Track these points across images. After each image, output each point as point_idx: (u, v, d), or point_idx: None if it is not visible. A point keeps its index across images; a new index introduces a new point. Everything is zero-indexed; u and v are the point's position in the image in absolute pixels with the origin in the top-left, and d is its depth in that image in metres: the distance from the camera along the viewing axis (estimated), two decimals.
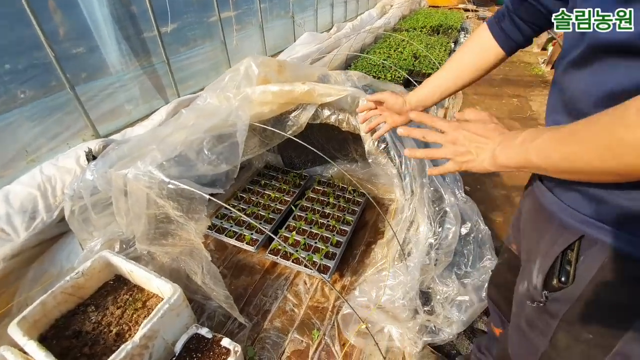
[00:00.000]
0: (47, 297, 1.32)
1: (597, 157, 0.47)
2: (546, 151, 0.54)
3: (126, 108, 2.45)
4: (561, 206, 0.63)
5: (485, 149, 0.65)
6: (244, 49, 3.38)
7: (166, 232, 1.21)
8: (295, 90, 1.38)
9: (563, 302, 0.64)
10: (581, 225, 0.60)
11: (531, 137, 0.57)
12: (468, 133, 0.68)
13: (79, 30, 2.09)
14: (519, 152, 0.58)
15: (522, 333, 0.75)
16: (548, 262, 0.65)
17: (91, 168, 1.18)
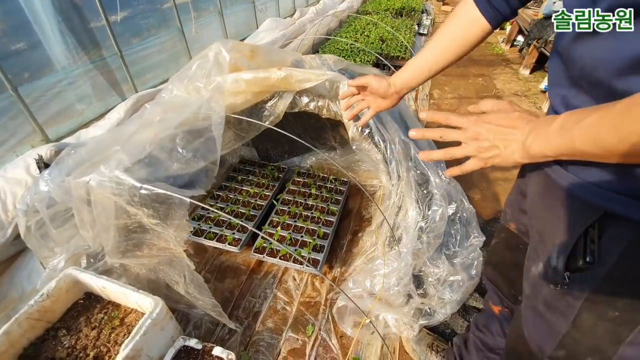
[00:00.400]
0: (11, 325, 1.17)
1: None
2: (597, 134, 0.47)
3: (77, 108, 2.22)
4: (580, 184, 0.60)
5: (514, 140, 0.60)
6: (203, 38, 3.17)
7: (140, 243, 1.09)
8: (271, 77, 1.28)
9: (588, 282, 0.62)
10: (604, 201, 0.56)
11: (572, 121, 0.51)
12: (491, 126, 0.62)
13: (16, 24, 1.84)
14: (558, 138, 0.53)
15: (540, 315, 0.73)
16: (569, 241, 0.62)
17: (45, 177, 1.03)
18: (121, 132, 1.10)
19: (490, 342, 1.18)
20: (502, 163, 0.63)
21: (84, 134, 2.01)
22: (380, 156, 1.48)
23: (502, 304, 1.11)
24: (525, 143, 0.58)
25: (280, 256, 1.63)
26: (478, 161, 0.65)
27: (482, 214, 2.18)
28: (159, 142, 0.96)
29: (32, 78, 1.97)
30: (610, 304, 0.61)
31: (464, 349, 1.32)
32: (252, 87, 1.31)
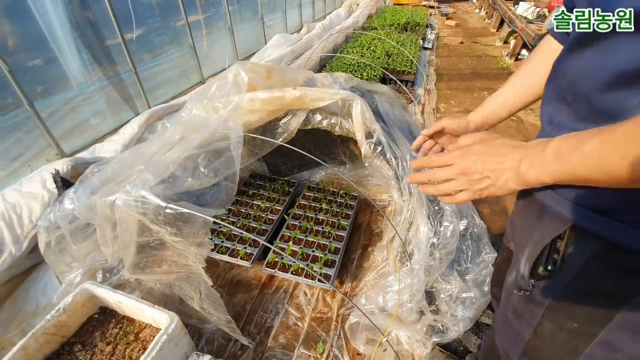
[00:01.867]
0: (28, 340, 1.18)
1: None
2: (602, 160, 0.47)
3: (92, 122, 2.27)
4: (552, 196, 0.61)
5: (505, 169, 0.58)
6: (214, 54, 3.25)
7: (160, 259, 1.10)
8: (285, 97, 1.32)
9: (550, 290, 0.64)
10: (572, 214, 0.58)
11: (570, 146, 0.51)
12: (477, 157, 0.60)
13: (34, 40, 1.91)
14: (556, 165, 0.52)
15: (509, 323, 0.76)
16: (536, 250, 0.64)
17: (70, 195, 1.06)
18: (143, 151, 1.13)
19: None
20: (496, 193, 0.61)
21: (99, 148, 2.05)
22: (391, 172, 1.50)
23: None
24: (519, 170, 0.56)
25: (292, 271, 1.64)
26: (471, 194, 0.63)
27: (491, 229, 2.18)
28: (181, 162, 0.99)
29: (48, 93, 2.02)
30: (570, 314, 0.63)
31: None
32: (268, 106, 1.34)
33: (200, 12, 2.97)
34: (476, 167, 0.60)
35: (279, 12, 4.32)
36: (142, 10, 2.48)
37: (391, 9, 7.27)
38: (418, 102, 3.55)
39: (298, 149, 1.40)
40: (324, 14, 5.83)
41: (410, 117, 1.96)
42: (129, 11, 2.34)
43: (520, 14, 5.50)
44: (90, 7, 2.14)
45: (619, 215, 0.54)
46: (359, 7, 6.31)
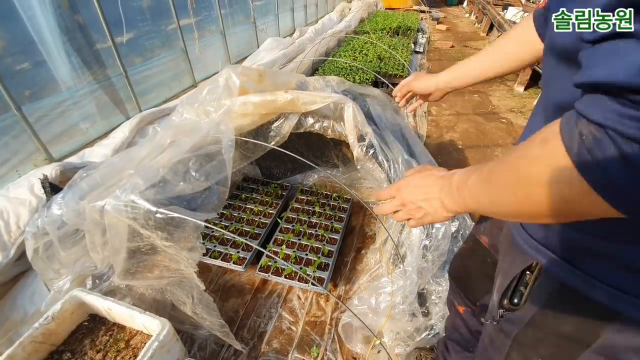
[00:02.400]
0: (16, 349, 1.15)
1: (513, 199, 0.44)
2: (477, 196, 0.51)
3: (82, 127, 2.24)
4: (519, 230, 0.62)
5: (433, 198, 0.62)
6: (206, 57, 3.24)
7: (151, 265, 1.09)
8: (278, 100, 1.32)
9: (516, 323, 0.64)
10: (532, 250, 0.59)
11: (462, 180, 0.54)
12: (410, 189, 0.66)
13: (22, 43, 1.88)
14: (458, 197, 0.56)
15: (484, 347, 0.77)
16: (505, 281, 0.65)
17: (58, 201, 1.04)
18: (133, 155, 1.12)
19: (463, 343, 1.19)
20: (434, 221, 0.65)
21: (88, 153, 2.03)
22: (384, 175, 1.51)
23: (464, 304, 1.12)
24: (442, 201, 0.60)
25: (286, 275, 1.63)
26: (415, 222, 0.68)
27: None
28: (172, 166, 0.98)
29: (36, 97, 1.99)
30: (534, 349, 0.63)
31: (446, 352, 1.32)
32: (260, 110, 1.34)
33: (192, 15, 2.96)
34: (410, 197, 0.66)
35: (271, 15, 4.33)
36: (133, 14, 2.46)
37: (383, 13, 7.34)
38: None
39: (291, 153, 1.40)
40: (316, 18, 5.86)
41: (402, 120, 1.98)
42: (119, 15, 2.32)
43: (509, 18, 5.60)
44: (80, 11, 2.12)
45: (573, 256, 0.54)
46: (351, 11, 6.35)
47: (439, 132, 3.43)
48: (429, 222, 0.66)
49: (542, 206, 0.41)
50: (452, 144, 3.23)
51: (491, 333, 0.73)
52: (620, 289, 0.49)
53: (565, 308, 0.57)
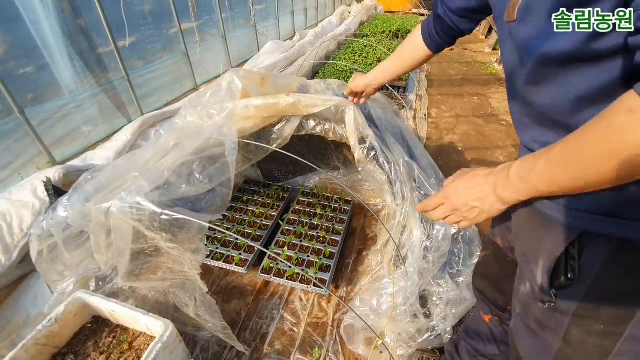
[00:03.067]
0: (19, 351, 1.16)
1: (607, 169, 0.48)
2: (552, 178, 0.55)
3: (84, 130, 2.26)
4: (556, 208, 0.65)
5: (486, 195, 0.67)
6: (208, 61, 3.26)
7: (155, 267, 1.10)
8: (280, 103, 1.33)
9: (573, 298, 0.66)
10: (580, 222, 0.61)
11: (527, 169, 0.59)
12: (460, 193, 0.71)
13: (25, 47, 1.90)
14: (522, 186, 0.61)
15: (533, 334, 0.76)
16: (552, 261, 0.66)
17: (64, 203, 1.05)
18: (137, 158, 1.13)
19: (481, 349, 1.21)
20: (488, 216, 0.70)
21: (91, 156, 2.04)
22: (385, 177, 1.52)
23: (491, 313, 1.14)
24: (497, 194, 0.65)
25: (287, 276, 1.64)
26: (468, 222, 0.73)
27: (482, 230, 2.21)
28: (176, 168, 0.99)
29: (39, 101, 2.00)
30: (595, 317, 0.64)
31: (456, 354, 1.33)
32: (262, 113, 1.35)
33: (194, 19, 2.98)
34: (462, 201, 0.70)
35: (271, 19, 4.36)
36: (136, 18, 2.48)
37: (382, 16, 7.39)
38: (410, 107, 3.60)
39: (292, 155, 1.42)
40: (317, 21, 5.90)
41: (402, 123, 1.99)
42: (122, 19, 2.34)
43: None
44: (83, 15, 2.14)
45: (622, 213, 0.57)
46: (351, 15, 6.39)
47: (439, 134, 3.44)
48: (485, 218, 0.70)
49: None
50: (452, 146, 3.25)
51: (540, 317, 0.73)
52: None
53: (625, 265, 0.59)
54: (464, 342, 1.29)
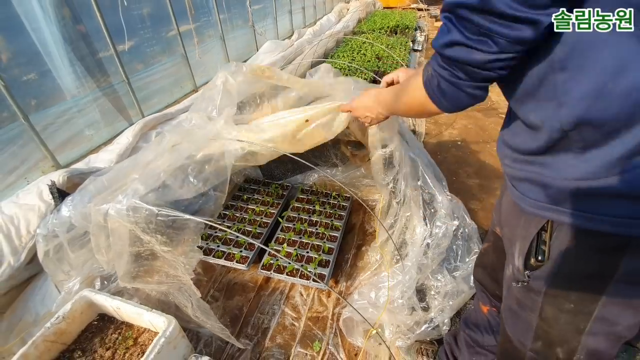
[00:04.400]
0: (28, 348, 1.20)
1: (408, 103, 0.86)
2: (392, 105, 0.98)
3: (87, 133, 2.31)
4: (522, 198, 0.71)
5: (373, 110, 1.10)
6: (206, 62, 3.30)
7: (152, 270, 1.13)
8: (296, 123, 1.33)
9: (543, 278, 0.71)
10: (541, 211, 0.67)
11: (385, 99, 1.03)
12: (361, 107, 1.15)
13: (27, 54, 1.94)
14: (384, 107, 1.04)
15: (514, 313, 0.82)
16: (526, 244, 0.72)
17: (68, 203, 1.09)
18: (139, 159, 1.17)
19: (480, 339, 1.24)
20: (377, 121, 1.15)
21: (94, 159, 2.08)
22: (391, 177, 1.54)
23: (490, 304, 1.19)
24: (377, 109, 1.08)
25: (287, 272, 1.67)
26: (369, 120, 1.16)
27: (482, 224, 2.23)
28: (172, 171, 1.02)
29: (43, 106, 2.05)
30: (565, 297, 0.70)
31: (454, 346, 1.37)
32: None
33: (191, 21, 3.02)
34: (360, 112, 1.16)
35: (269, 19, 4.39)
36: (134, 22, 2.52)
37: (381, 12, 7.37)
38: None
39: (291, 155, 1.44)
40: (315, 19, 5.90)
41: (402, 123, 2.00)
42: (120, 23, 2.38)
43: None
44: (82, 21, 2.19)
45: (578, 205, 0.62)
46: (349, 11, 6.39)
47: (437, 129, 3.45)
48: (375, 122, 1.16)
49: (414, 108, 0.84)
50: (452, 141, 3.26)
51: (519, 297, 0.79)
52: (622, 216, 0.58)
53: (584, 249, 0.64)
54: (463, 333, 1.32)
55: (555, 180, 0.63)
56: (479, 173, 2.79)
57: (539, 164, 0.66)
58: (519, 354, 0.85)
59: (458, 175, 2.76)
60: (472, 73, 0.63)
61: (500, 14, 0.53)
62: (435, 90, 0.71)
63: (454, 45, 0.62)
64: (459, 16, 0.59)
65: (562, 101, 0.58)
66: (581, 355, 0.73)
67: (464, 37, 0.59)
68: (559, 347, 0.75)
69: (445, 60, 0.66)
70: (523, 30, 0.54)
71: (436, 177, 1.65)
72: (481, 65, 0.60)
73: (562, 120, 0.58)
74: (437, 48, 0.66)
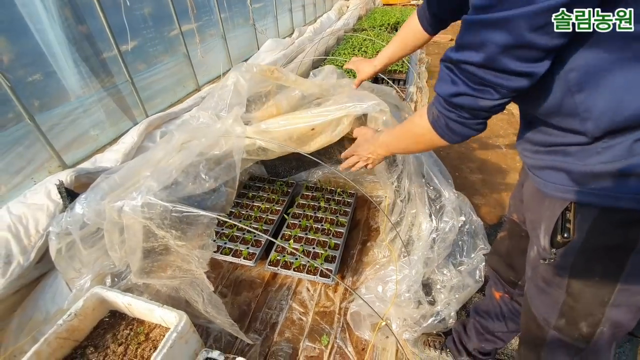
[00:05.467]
0: (41, 345, 1.22)
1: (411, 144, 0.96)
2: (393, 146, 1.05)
3: (92, 133, 2.32)
4: (545, 184, 0.76)
5: (373, 152, 1.14)
6: (209, 61, 3.31)
7: (165, 265, 1.15)
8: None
9: (569, 254, 0.75)
10: (565, 194, 0.72)
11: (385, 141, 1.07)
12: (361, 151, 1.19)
13: (32, 55, 1.96)
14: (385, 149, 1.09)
15: (541, 290, 0.86)
16: (551, 224, 0.77)
17: (81, 201, 1.11)
18: (150, 157, 1.18)
19: (490, 326, 1.29)
20: (378, 162, 1.19)
21: (100, 159, 2.10)
22: (395, 176, 1.56)
23: (503, 290, 1.23)
24: (377, 152, 1.13)
25: (294, 268, 1.69)
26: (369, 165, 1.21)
27: (485, 219, 2.24)
28: (184, 168, 1.04)
29: (48, 107, 2.06)
30: (590, 270, 0.74)
31: (463, 334, 1.41)
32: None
33: (193, 21, 3.03)
34: (362, 155, 1.19)
35: (270, 17, 4.39)
36: (137, 22, 2.53)
37: (381, 9, 7.37)
38: (410, 100, 3.62)
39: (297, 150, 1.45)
40: (315, 17, 5.91)
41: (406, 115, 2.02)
42: (123, 24, 2.39)
43: None
44: (86, 21, 2.20)
45: (597, 185, 0.67)
46: (349, 9, 6.39)
47: None
48: (376, 164, 1.20)
49: (422, 145, 0.91)
50: None
51: (545, 275, 0.83)
52: None
53: (607, 224, 0.69)
54: (473, 320, 1.37)
55: (578, 166, 0.68)
56: (481, 168, 2.80)
57: (562, 152, 0.71)
58: (542, 333, 0.89)
59: (461, 171, 2.78)
60: (476, 114, 0.72)
61: (502, 70, 0.60)
62: (444, 129, 0.79)
63: (459, 95, 0.69)
64: (463, 70, 0.66)
65: (585, 117, 0.63)
66: (604, 327, 0.77)
67: (470, 88, 0.66)
68: (583, 321, 0.79)
69: (451, 106, 0.73)
70: (521, 81, 0.61)
71: (442, 174, 1.66)
72: (485, 109, 0.69)
73: (589, 131, 0.64)
74: (444, 96, 0.73)
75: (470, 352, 1.39)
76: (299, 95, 1.68)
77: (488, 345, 1.32)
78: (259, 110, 1.55)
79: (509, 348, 1.59)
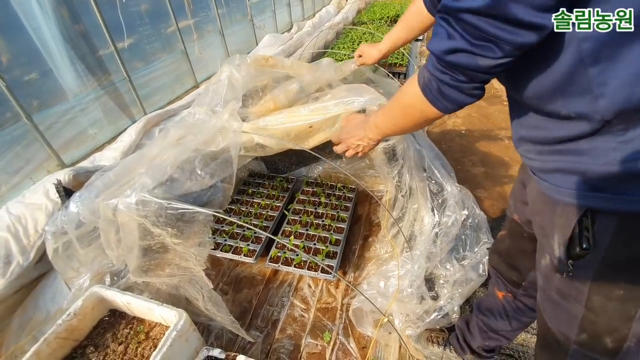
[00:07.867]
0: (41, 345, 1.21)
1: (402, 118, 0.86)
2: (386, 125, 0.94)
3: (90, 132, 2.31)
4: (557, 189, 0.69)
5: (363, 137, 1.05)
6: (207, 58, 3.28)
7: (163, 263, 1.14)
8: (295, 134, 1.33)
9: (589, 267, 0.68)
10: (582, 200, 0.64)
11: (375, 121, 0.97)
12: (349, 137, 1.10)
13: (28, 54, 1.94)
14: (376, 129, 0.98)
15: (556, 304, 0.79)
16: (566, 234, 0.69)
17: (75, 199, 1.09)
18: (145, 153, 1.16)
19: (493, 324, 1.24)
20: (369, 148, 1.10)
21: (98, 157, 2.09)
22: (396, 170, 1.53)
23: (505, 290, 1.18)
24: (368, 136, 1.03)
25: (295, 264, 1.67)
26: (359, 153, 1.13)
27: (489, 213, 2.21)
28: (179, 164, 1.02)
29: (45, 106, 2.05)
30: (614, 283, 0.67)
31: (466, 331, 1.37)
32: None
33: (190, 17, 2.99)
34: (351, 141, 1.10)
35: (268, 12, 4.35)
36: (133, 19, 2.50)
37: (380, 2, 7.29)
38: None
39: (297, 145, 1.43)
40: (314, 11, 5.85)
41: None
42: (119, 21, 2.36)
43: None
44: (82, 19, 2.17)
45: (619, 188, 0.60)
46: (348, 2, 6.33)
47: (441, 118, 3.42)
48: (366, 150, 1.11)
49: (411, 118, 0.82)
50: (456, 130, 3.23)
51: (561, 288, 0.76)
52: None
53: (632, 233, 0.62)
54: (476, 318, 1.33)
55: (594, 167, 0.61)
56: (484, 161, 2.77)
57: (572, 151, 0.64)
58: (562, 347, 0.82)
59: (463, 164, 2.74)
60: (473, 77, 0.63)
61: (508, 20, 0.52)
62: (435, 94, 0.70)
63: (456, 52, 0.60)
64: (461, 20, 0.57)
65: (598, 94, 0.56)
66: (631, 343, 0.71)
67: (468, 43, 0.57)
68: (607, 337, 0.73)
69: (445, 65, 0.64)
70: (529, 36, 0.53)
71: (444, 167, 1.63)
72: (484, 70, 0.60)
73: (601, 112, 0.57)
74: (437, 54, 0.63)
75: (474, 349, 1.36)
76: (297, 89, 1.65)
77: (492, 343, 1.28)
78: (256, 105, 1.52)
79: (514, 343, 1.57)
